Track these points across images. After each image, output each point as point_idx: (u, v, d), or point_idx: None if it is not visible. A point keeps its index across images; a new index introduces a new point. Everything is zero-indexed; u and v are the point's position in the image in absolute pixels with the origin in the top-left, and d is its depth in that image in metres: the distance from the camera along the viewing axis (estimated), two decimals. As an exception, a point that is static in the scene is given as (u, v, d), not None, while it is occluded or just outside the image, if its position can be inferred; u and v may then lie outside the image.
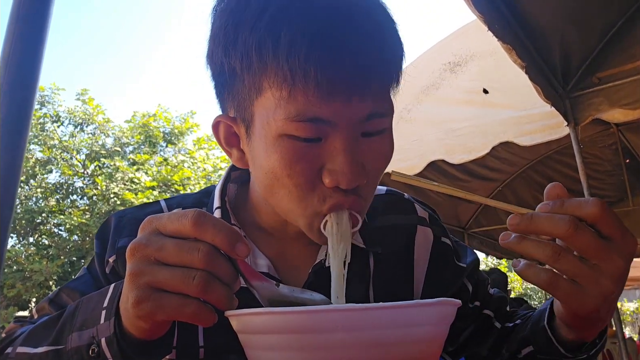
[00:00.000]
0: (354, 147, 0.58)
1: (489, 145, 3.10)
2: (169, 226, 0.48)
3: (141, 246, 0.47)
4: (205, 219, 0.46)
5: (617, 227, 0.52)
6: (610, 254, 0.51)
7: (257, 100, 0.59)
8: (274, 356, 0.44)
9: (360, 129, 0.59)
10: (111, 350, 0.53)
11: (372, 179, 0.63)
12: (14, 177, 0.54)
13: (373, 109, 0.58)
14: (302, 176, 0.58)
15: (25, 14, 0.59)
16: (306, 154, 0.58)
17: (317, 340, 0.42)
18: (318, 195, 0.60)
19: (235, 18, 0.58)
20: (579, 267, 0.51)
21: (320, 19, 0.54)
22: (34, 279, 11.91)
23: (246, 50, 0.56)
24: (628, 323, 22.59)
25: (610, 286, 0.51)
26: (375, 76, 0.57)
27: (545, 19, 2.39)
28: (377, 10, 0.60)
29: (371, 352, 0.41)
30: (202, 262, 0.45)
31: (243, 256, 0.47)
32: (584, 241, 0.50)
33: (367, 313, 0.42)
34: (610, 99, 2.63)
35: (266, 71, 0.56)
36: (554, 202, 0.53)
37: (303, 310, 0.42)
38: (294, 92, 0.55)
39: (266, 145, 0.59)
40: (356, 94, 0.56)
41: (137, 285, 0.47)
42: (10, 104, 0.53)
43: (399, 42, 0.61)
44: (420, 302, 0.44)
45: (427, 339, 0.44)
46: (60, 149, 13.82)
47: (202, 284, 0.45)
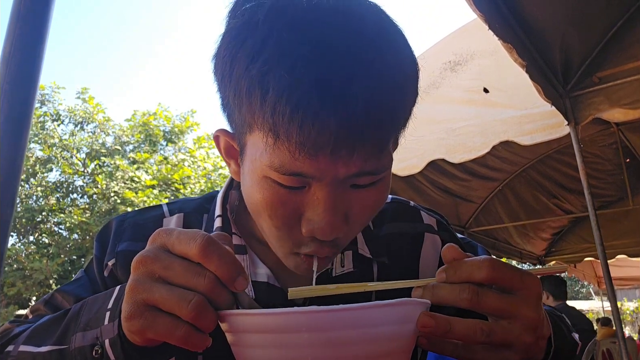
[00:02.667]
0: (337, 199, 0.56)
1: (489, 144, 3.10)
2: (177, 247, 0.48)
3: (148, 260, 0.48)
4: (213, 248, 0.47)
5: (515, 277, 0.52)
6: (518, 308, 0.51)
7: (249, 136, 0.58)
8: (256, 353, 0.47)
9: (349, 182, 0.57)
10: (114, 352, 0.53)
11: (355, 228, 0.61)
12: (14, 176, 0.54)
13: (362, 167, 0.55)
14: (281, 220, 0.58)
15: (26, 12, 0.59)
16: (288, 201, 0.57)
17: (288, 339, 0.45)
18: (294, 240, 0.60)
19: (231, 52, 0.55)
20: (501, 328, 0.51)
21: (314, 69, 0.50)
22: (34, 277, 11.93)
23: (239, 90, 0.54)
24: (628, 322, 22.61)
25: (529, 338, 0.52)
26: (367, 135, 0.52)
27: (545, 19, 2.39)
28: (385, 51, 0.54)
29: (336, 351, 0.44)
30: (207, 288, 0.46)
31: (241, 290, 0.48)
32: (489, 305, 0.51)
33: (328, 315, 0.44)
34: (610, 99, 2.63)
35: (254, 115, 0.53)
36: (448, 271, 0.53)
37: (272, 312, 0.46)
38: (278, 144, 0.52)
39: (252, 181, 0.58)
40: (342, 156, 0.52)
41: (133, 300, 0.47)
42: (11, 103, 0.53)
43: (408, 87, 0.59)
44: (379, 303, 0.46)
45: (392, 338, 0.47)
46: (60, 147, 13.83)
47: (197, 310, 0.45)
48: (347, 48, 0.51)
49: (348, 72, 0.50)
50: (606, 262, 2.67)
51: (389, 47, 0.55)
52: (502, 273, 0.51)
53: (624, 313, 21.79)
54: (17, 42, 0.57)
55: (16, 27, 0.57)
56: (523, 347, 0.52)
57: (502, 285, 0.52)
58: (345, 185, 0.57)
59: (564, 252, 6.82)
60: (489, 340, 0.51)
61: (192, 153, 14.40)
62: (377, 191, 0.59)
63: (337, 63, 0.50)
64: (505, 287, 0.52)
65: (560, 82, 2.70)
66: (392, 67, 0.54)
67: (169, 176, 12.82)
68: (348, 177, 0.55)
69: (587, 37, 2.63)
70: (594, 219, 2.69)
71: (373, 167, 0.56)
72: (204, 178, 13.52)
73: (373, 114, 0.51)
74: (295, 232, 0.59)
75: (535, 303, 0.52)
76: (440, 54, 3.61)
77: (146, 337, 0.48)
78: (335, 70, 0.50)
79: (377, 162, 0.56)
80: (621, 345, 2.67)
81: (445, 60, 3.49)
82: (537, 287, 0.53)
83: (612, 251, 6.27)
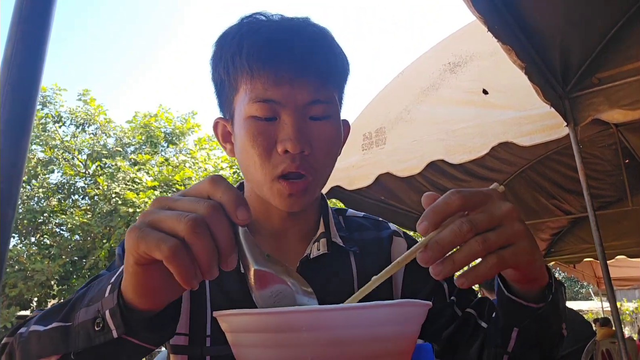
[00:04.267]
0: (300, 123, 0.76)
1: (488, 145, 3.10)
2: (192, 189, 0.51)
3: (162, 198, 0.51)
4: (221, 180, 0.50)
5: (479, 194, 0.55)
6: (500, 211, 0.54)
7: (235, 97, 0.80)
8: (256, 353, 0.47)
9: (307, 112, 0.78)
10: (114, 322, 0.54)
11: (319, 154, 0.79)
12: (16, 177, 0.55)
13: (315, 96, 0.78)
14: (261, 147, 0.76)
15: (28, 14, 0.60)
16: (264, 130, 0.76)
17: (288, 339, 0.45)
18: (273, 162, 0.76)
19: (219, 44, 0.82)
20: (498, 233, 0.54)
21: (267, 35, 0.77)
22: (36, 278, 11.92)
23: (225, 62, 0.80)
24: (627, 323, 22.56)
25: (524, 228, 0.55)
26: (310, 70, 0.77)
27: (544, 20, 2.39)
28: (311, 29, 0.80)
29: (336, 350, 0.44)
30: (205, 209, 0.47)
31: (243, 220, 0.48)
32: (482, 222, 0.53)
33: (328, 314, 0.45)
34: (609, 100, 2.63)
35: (237, 72, 0.78)
36: (428, 219, 0.53)
37: (272, 312, 0.46)
38: (254, 82, 0.76)
39: (239, 128, 0.79)
40: (297, 81, 0.76)
41: (140, 221, 0.49)
42: (12, 104, 0.54)
43: (333, 51, 0.82)
44: (379, 303, 0.46)
45: (393, 338, 0.47)
46: (61, 149, 13.84)
47: (193, 224, 0.45)
48: (292, 26, 0.79)
49: (295, 35, 0.78)
50: (605, 262, 2.67)
51: (321, 32, 0.82)
52: (468, 195, 0.54)
53: (624, 313, 21.75)
54: (19, 44, 0.58)
55: (18, 28, 0.58)
56: (523, 247, 0.54)
57: (473, 205, 0.54)
58: (305, 117, 0.78)
59: (564, 252, 6.82)
60: (487, 245, 0.53)
61: (193, 154, 14.40)
62: (329, 126, 0.80)
63: (288, 32, 0.78)
64: (476, 206, 0.55)
65: (559, 83, 2.70)
66: (323, 38, 0.81)
67: (170, 177, 12.81)
68: (305, 105, 0.77)
69: (587, 38, 2.64)
70: (594, 220, 2.69)
71: (322, 96, 0.78)
72: (205, 179, 13.50)
73: (313, 57, 0.77)
74: (273, 156, 0.76)
75: (511, 208, 0.55)
76: (440, 55, 3.62)
77: (138, 251, 0.48)
78: (286, 34, 0.78)
79: (324, 93, 0.79)
80: (621, 346, 2.67)
81: (444, 62, 3.49)
82: (497, 194, 0.57)
83: (612, 252, 6.27)
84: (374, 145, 3.65)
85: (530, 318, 0.68)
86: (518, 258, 0.55)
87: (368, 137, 3.68)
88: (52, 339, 0.60)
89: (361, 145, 3.70)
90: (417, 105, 3.55)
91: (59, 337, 0.60)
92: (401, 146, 3.50)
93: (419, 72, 3.70)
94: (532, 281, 0.65)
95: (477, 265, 0.54)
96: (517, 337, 0.73)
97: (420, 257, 0.53)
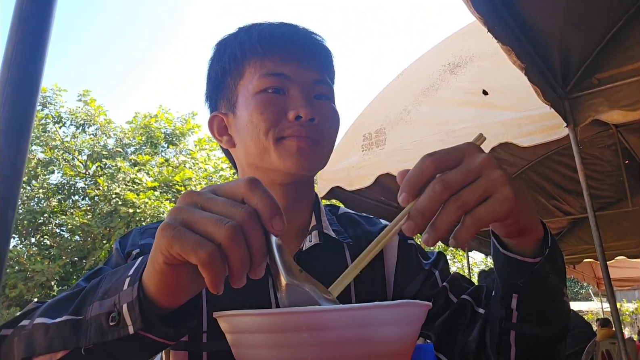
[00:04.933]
0: (309, 96, 0.83)
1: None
2: (225, 187, 0.50)
3: (194, 194, 0.49)
4: (258, 184, 0.48)
5: (452, 152, 0.54)
6: (474, 164, 0.53)
7: (240, 82, 0.85)
8: (256, 354, 0.47)
9: (312, 90, 0.84)
10: (132, 316, 0.52)
11: (326, 124, 0.84)
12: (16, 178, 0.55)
13: (319, 76, 0.86)
14: (270, 113, 0.80)
15: (28, 14, 0.60)
16: (273, 100, 0.81)
17: (288, 339, 0.45)
18: (281, 127, 0.80)
19: (222, 42, 0.89)
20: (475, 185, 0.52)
21: (274, 24, 0.86)
22: (36, 279, 11.91)
23: (232, 50, 0.85)
24: (627, 324, 22.55)
25: (502, 174, 0.52)
26: (317, 54, 0.87)
27: (544, 21, 2.39)
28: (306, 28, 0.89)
29: (336, 350, 0.44)
30: (242, 215, 0.46)
31: (277, 231, 0.47)
32: (456, 178, 0.52)
33: (328, 314, 0.45)
34: (609, 100, 2.63)
35: (245, 56, 0.84)
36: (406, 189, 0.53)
37: (272, 312, 0.46)
38: (264, 60, 0.83)
39: (246, 105, 0.82)
40: (306, 60, 0.84)
41: (171, 218, 0.48)
42: (13, 105, 0.54)
43: (325, 44, 0.90)
44: (380, 303, 0.46)
45: (393, 338, 0.47)
46: (62, 149, 13.83)
47: (232, 232, 0.44)
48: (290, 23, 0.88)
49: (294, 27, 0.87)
50: (605, 263, 2.67)
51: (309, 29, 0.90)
52: (441, 157, 0.53)
53: (623, 314, 21.73)
54: (19, 45, 0.58)
55: (18, 29, 0.58)
56: (502, 196, 0.52)
57: (447, 165, 0.53)
58: (311, 94, 0.84)
59: (564, 253, 6.80)
60: (461, 204, 0.51)
61: (193, 155, 14.40)
62: (330, 106, 0.86)
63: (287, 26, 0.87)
64: (450, 165, 0.53)
65: (559, 84, 2.71)
66: (314, 33, 0.89)
67: (170, 178, 12.80)
68: (312, 84, 0.84)
69: (586, 39, 2.64)
70: (593, 221, 2.69)
71: (324, 78, 0.87)
72: (205, 180, 13.51)
73: (314, 44, 0.88)
74: (282, 122, 0.80)
75: (486, 157, 0.53)
76: (440, 56, 3.62)
77: (171, 251, 0.46)
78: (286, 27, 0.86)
79: (326, 74, 0.88)
80: (620, 346, 2.67)
81: (444, 63, 3.50)
82: (473, 147, 0.55)
83: (612, 252, 6.26)
84: (374, 145, 3.65)
85: (529, 275, 0.65)
86: (497, 209, 0.52)
87: (368, 137, 3.68)
88: (62, 333, 0.58)
89: (361, 145, 3.70)
90: (417, 106, 3.55)
91: (69, 331, 0.57)
92: (401, 147, 3.50)
93: (419, 72, 3.71)
94: (524, 233, 0.62)
95: (458, 228, 0.52)
96: (518, 305, 0.69)
97: (405, 227, 0.51)
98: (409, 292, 0.88)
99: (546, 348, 0.72)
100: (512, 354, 0.73)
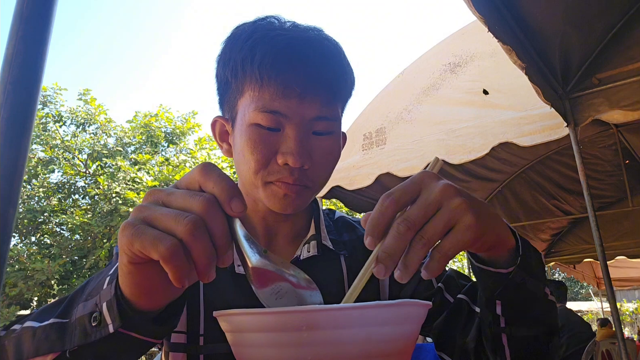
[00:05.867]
0: (303, 138, 0.77)
1: (488, 145, 3.10)
2: (184, 179, 0.50)
3: (156, 191, 0.49)
4: (212, 168, 0.48)
5: (410, 186, 0.53)
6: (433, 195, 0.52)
7: (240, 100, 0.80)
8: (256, 353, 0.47)
9: (311, 127, 0.78)
10: (111, 315, 0.52)
11: (318, 169, 0.80)
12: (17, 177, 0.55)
13: (321, 112, 0.78)
14: (261, 154, 0.76)
15: (29, 14, 0.60)
16: (266, 139, 0.76)
17: (288, 338, 0.45)
18: (270, 170, 0.77)
19: (230, 44, 0.81)
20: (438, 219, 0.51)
21: (283, 45, 0.76)
22: (36, 278, 11.92)
23: (235, 64, 0.79)
24: (627, 324, 22.55)
25: (462, 201, 0.51)
26: (320, 87, 0.77)
27: (545, 20, 2.39)
28: (325, 44, 0.80)
29: (336, 350, 0.44)
30: (200, 205, 0.45)
31: (238, 212, 0.47)
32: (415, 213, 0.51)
33: (328, 314, 0.45)
34: (610, 100, 2.63)
35: (245, 77, 0.78)
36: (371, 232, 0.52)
37: (272, 311, 0.46)
38: (262, 91, 0.76)
39: (241, 132, 0.79)
40: (306, 97, 0.76)
41: (133, 217, 0.47)
42: (13, 104, 0.54)
43: (343, 69, 0.82)
44: (380, 303, 0.46)
45: (392, 338, 0.47)
46: (62, 148, 13.84)
47: (192, 225, 0.44)
48: (307, 38, 0.79)
49: (308, 49, 0.77)
50: (605, 263, 2.67)
51: (333, 47, 0.82)
52: (399, 195, 0.52)
53: (623, 314, 21.72)
54: (20, 44, 0.58)
55: (19, 28, 0.58)
56: (464, 225, 0.51)
57: (406, 202, 0.52)
58: (309, 131, 0.78)
59: (564, 253, 6.82)
60: (427, 240, 0.50)
61: (193, 154, 14.41)
62: (331, 142, 0.81)
63: (301, 45, 0.77)
64: (410, 201, 0.52)
65: (559, 84, 2.71)
66: (336, 54, 0.81)
67: (171, 177, 12.82)
68: (311, 120, 0.78)
69: (587, 39, 2.64)
70: (594, 220, 2.69)
71: (327, 113, 0.79)
72: (205, 179, 13.50)
73: (324, 74, 0.78)
74: (271, 165, 0.77)
75: (444, 186, 0.52)
76: (440, 55, 3.63)
77: (132, 250, 0.46)
78: (300, 47, 0.77)
79: (330, 110, 0.80)
80: (620, 346, 2.67)
81: (445, 62, 3.50)
82: (429, 176, 0.54)
83: (612, 252, 6.27)
84: (374, 145, 3.65)
85: (504, 285, 0.65)
86: (462, 239, 0.51)
87: (368, 137, 3.68)
88: (48, 336, 0.57)
89: (361, 145, 3.70)
90: (418, 106, 3.55)
91: (55, 335, 0.57)
92: (401, 146, 3.51)
93: (420, 72, 3.71)
94: (495, 247, 0.62)
95: (428, 263, 0.52)
96: (503, 310, 0.69)
97: (376, 271, 0.50)
98: (405, 294, 0.88)
99: (538, 348, 0.72)
100: (507, 355, 0.73)
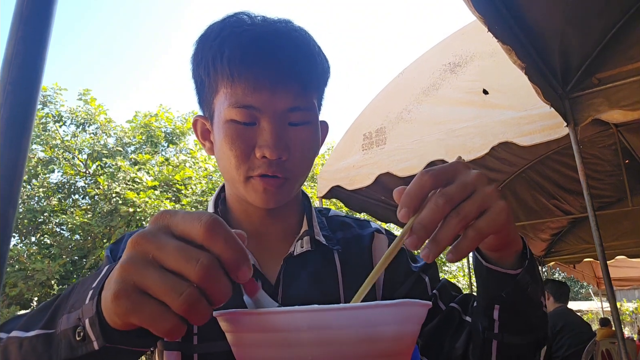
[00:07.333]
0: (279, 130, 0.77)
1: (488, 145, 3.10)
2: (181, 225, 0.44)
3: (145, 239, 0.44)
4: (220, 228, 0.43)
5: (445, 169, 0.55)
6: (469, 180, 0.54)
7: (215, 99, 0.81)
8: (256, 353, 0.47)
9: (286, 118, 0.78)
10: (94, 332, 0.50)
11: (296, 160, 0.80)
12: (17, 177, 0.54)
13: (294, 103, 0.78)
14: (239, 149, 0.77)
15: (29, 14, 0.60)
16: (243, 134, 0.77)
17: (288, 338, 0.44)
18: (250, 165, 0.78)
19: (201, 43, 0.81)
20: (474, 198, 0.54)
21: (250, 39, 0.76)
22: (36, 278, 11.91)
23: (206, 62, 0.79)
24: (627, 323, 22.55)
25: (494, 189, 0.55)
26: (291, 78, 0.77)
27: (545, 20, 2.39)
28: (293, 35, 0.79)
29: (337, 350, 0.44)
30: (198, 276, 0.41)
31: (243, 281, 0.44)
32: (453, 192, 0.53)
33: (329, 314, 0.45)
34: (609, 100, 2.63)
35: (217, 75, 0.78)
36: (405, 203, 0.53)
37: (272, 311, 0.46)
38: (234, 87, 0.76)
39: (219, 130, 0.80)
40: (278, 89, 0.76)
41: (123, 279, 0.43)
42: (13, 104, 0.54)
43: (314, 58, 0.81)
44: (380, 303, 0.46)
45: (393, 338, 0.47)
46: (62, 148, 13.83)
47: (188, 302, 0.41)
48: (275, 31, 0.78)
49: (277, 41, 0.77)
50: (605, 263, 2.67)
51: (303, 37, 0.81)
52: (438, 173, 0.54)
53: (623, 314, 21.73)
54: (20, 44, 0.58)
55: (19, 28, 0.58)
56: (499, 208, 0.54)
57: (445, 180, 0.55)
58: (284, 122, 0.78)
59: (563, 252, 6.83)
60: (463, 217, 0.53)
61: (193, 154, 14.40)
62: (308, 132, 0.81)
63: (270, 37, 0.77)
64: (447, 180, 0.55)
65: (559, 84, 2.71)
66: (306, 43, 0.80)
67: (171, 177, 12.81)
68: (285, 112, 0.78)
69: (587, 39, 2.64)
70: (594, 220, 2.69)
71: (301, 103, 0.79)
72: (205, 179, 13.51)
73: (295, 64, 0.77)
74: (251, 159, 0.78)
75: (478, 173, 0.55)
76: (440, 55, 3.63)
77: (128, 321, 0.44)
78: (269, 40, 0.76)
79: (304, 100, 0.79)
80: (620, 346, 2.67)
81: (444, 62, 3.50)
82: (463, 164, 0.57)
83: (612, 252, 6.28)
84: (374, 145, 3.65)
85: (510, 286, 0.67)
86: (496, 221, 0.54)
87: (368, 137, 3.68)
88: (35, 349, 0.55)
89: (361, 145, 3.70)
90: (418, 105, 3.55)
91: (41, 347, 0.55)
92: (401, 146, 3.51)
93: (420, 72, 3.71)
94: (508, 246, 0.65)
95: (460, 241, 0.54)
96: (500, 316, 0.72)
97: (408, 242, 0.52)
98: (399, 295, 0.89)
99: (525, 356, 0.75)
100: None
